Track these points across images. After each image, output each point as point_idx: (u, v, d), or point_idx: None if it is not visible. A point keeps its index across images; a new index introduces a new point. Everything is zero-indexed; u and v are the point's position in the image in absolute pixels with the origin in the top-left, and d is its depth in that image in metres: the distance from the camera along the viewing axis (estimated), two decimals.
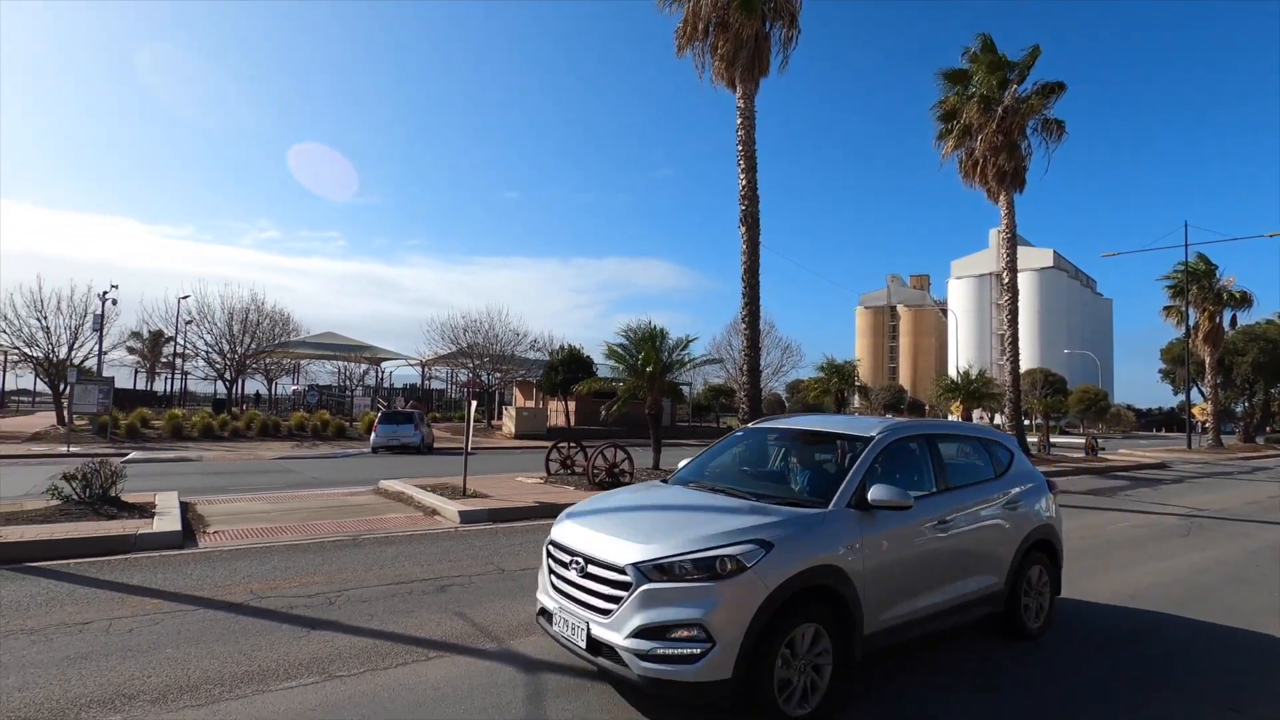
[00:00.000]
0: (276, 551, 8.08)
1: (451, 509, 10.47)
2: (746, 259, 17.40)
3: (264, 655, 4.88)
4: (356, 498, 12.47)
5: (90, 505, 9.19)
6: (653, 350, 15.16)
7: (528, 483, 13.93)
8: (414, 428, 26.32)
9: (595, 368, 42.38)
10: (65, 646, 4.96)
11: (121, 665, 4.64)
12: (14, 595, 6.13)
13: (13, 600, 5.98)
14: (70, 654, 4.82)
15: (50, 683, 4.34)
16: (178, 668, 4.62)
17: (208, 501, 11.52)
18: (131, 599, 6.13)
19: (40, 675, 4.44)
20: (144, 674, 4.51)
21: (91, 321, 29.86)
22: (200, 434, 29.34)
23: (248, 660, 4.79)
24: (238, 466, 19.18)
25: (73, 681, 4.38)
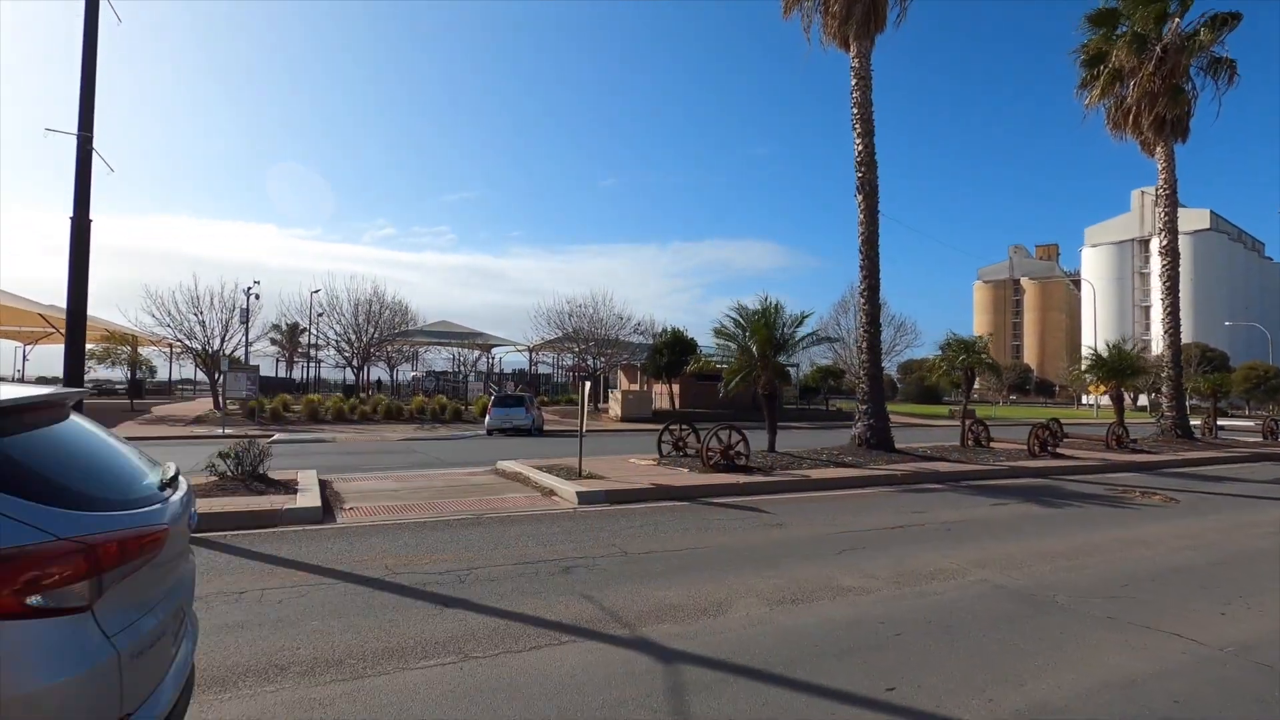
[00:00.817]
0: (407, 529, 8.31)
1: (569, 490, 10.45)
2: (864, 229, 16.35)
3: (402, 631, 4.90)
4: (476, 477, 12.78)
5: (242, 481, 9.86)
6: (764, 327, 14.56)
7: (641, 465, 13.80)
8: (525, 411, 27.00)
9: (700, 350, 41.96)
10: (224, 614, 5.19)
11: (273, 636, 4.78)
12: None
13: None
14: (229, 622, 5.03)
15: (212, 649, 4.52)
16: (323, 641, 4.71)
17: (342, 479, 12.15)
18: (280, 571, 6.41)
19: (204, 642, 4.63)
20: (293, 645, 4.62)
21: (239, 315, 32.68)
22: (333, 417, 31.49)
23: (387, 636, 4.81)
24: (367, 447, 20.35)
25: (230, 650, 4.54)
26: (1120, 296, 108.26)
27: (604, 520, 9.09)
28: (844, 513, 10.01)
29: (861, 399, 16.27)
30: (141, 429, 26.95)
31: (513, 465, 13.36)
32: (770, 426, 15.06)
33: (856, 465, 13.99)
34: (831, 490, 11.99)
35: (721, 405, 42.54)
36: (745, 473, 12.58)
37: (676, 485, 11.04)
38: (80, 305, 8.99)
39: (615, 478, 11.79)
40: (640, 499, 10.49)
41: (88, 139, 9.05)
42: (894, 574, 6.72)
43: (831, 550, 7.67)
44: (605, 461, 14.21)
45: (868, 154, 16.53)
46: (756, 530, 8.70)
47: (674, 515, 9.49)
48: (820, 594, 6.01)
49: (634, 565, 6.86)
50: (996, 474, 14.21)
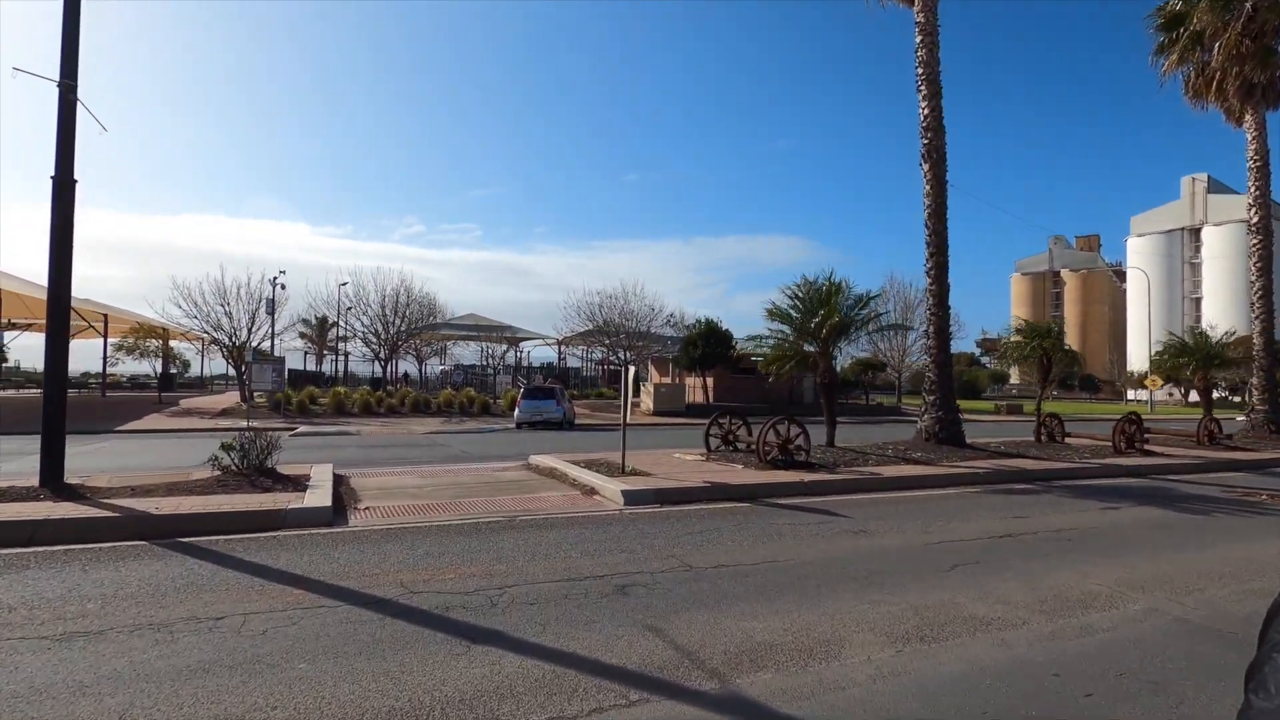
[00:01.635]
0: (429, 533, 7.11)
1: (613, 488, 9.18)
2: (931, 200, 14.78)
3: (415, 681, 3.65)
4: (508, 473, 11.59)
5: (247, 477, 8.78)
6: (823, 306, 13.10)
7: (688, 460, 12.48)
8: (556, 403, 25.85)
9: (735, 342, 40.47)
10: (189, 651, 4.01)
11: (245, 686, 3.56)
12: (155, 576, 5.43)
13: (151, 583, 5.26)
14: (192, 663, 3.84)
15: (156, 707, 3.32)
16: (309, 695, 3.48)
17: (361, 475, 11.05)
18: (272, 588, 5.23)
19: (150, 694, 3.44)
20: (268, 702, 3.40)
21: (265, 305, 32.07)
22: (360, 410, 30.73)
23: (395, 687, 3.57)
24: (392, 440, 19.35)
25: (185, 706, 3.34)
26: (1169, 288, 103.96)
27: (656, 524, 7.80)
28: (933, 517, 8.57)
29: (928, 389, 14.72)
30: (166, 421, 26.41)
31: (547, 460, 12.14)
32: (829, 419, 13.61)
33: (928, 462, 12.51)
34: (908, 490, 10.55)
35: (758, 398, 40.99)
36: (807, 469, 11.20)
37: (734, 484, 9.70)
38: (64, 276, 7.95)
39: (662, 474, 10.49)
40: (694, 499, 9.18)
41: (70, 87, 7.99)
42: (1033, 599, 5.32)
43: (939, 566, 6.27)
44: (648, 456, 12.92)
45: (934, 117, 14.94)
46: (838, 538, 7.33)
47: (736, 519, 8.16)
48: (952, 627, 4.64)
49: (703, 583, 5.55)
50: (1088, 473, 12.61)
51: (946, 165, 15.03)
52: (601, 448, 17.14)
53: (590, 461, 11.88)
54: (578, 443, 19.39)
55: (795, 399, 42.03)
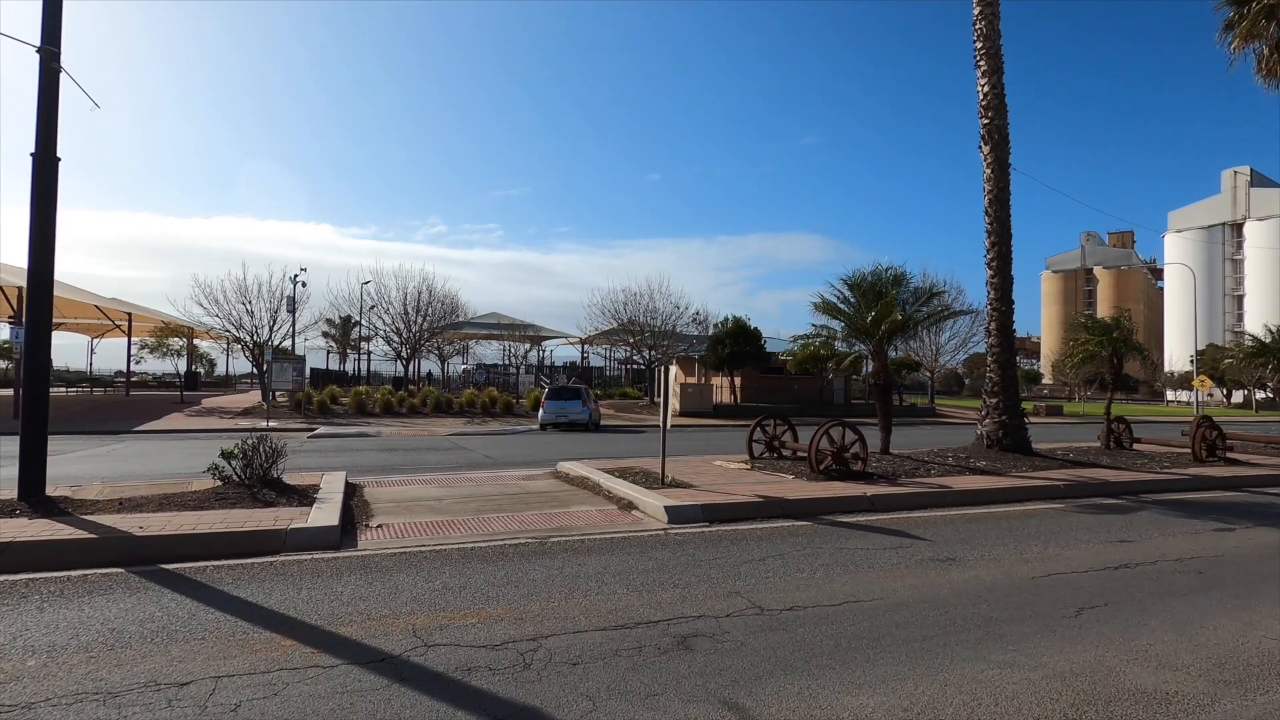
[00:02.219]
0: (448, 560, 6.15)
1: (654, 503, 8.16)
2: (992, 186, 13.55)
3: None
4: (535, 482, 10.63)
5: (249, 488, 7.90)
6: (878, 300, 11.95)
7: (731, 468, 11.42)
8: (582, 404, 24.92)
9: (764, 341, 39.26)
10: None
11: None
12: (120, 619, 4.53)
13: (114, 629, 4.35)
14: None
15: None
16: None
17: (376, 483, 10.16)
18: (257, 637, 4.29)
19: None
20: None
21: (286, 303, 31.56)
22: (381, 410, 30.12)
23: None
24: (412, 443, 18.54)
25: None
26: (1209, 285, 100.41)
27: (708, 548, 6.77)
28: (1025, 540, 7.43)
29: (989, 391, 13.47)
30: (186, 421, 25.96)
31: (577, 468, 11.17)
32: (883, 424, 12.44)
33: (996, 472, 11.31)
34: (983, 506, 9.38)
35: (787, 399, 39.73)
36: (865, 480, 10.08)
37: (789, 498, 8.62)
38: (45, 259, 7.13)
39: (706, 486, 9.45)
40: (746, 516, 8.12)
41: (53, 55, 7.16)
42: (1202, 661, 4.20)
43: (1061, 608, 5.16)
44: (685, 464, 11.88)
45: (995, 96, 13.70)
46: (924, 569, 6.24)
47: (799, 542, 7.10)
48: (1122, 708, 3.55)
49: (781, 633, 4.51)
50: (1178, 485, 11.32)
51: (1009, 148, 13.78)
52: (631, 452, 16.14)
53: (624, 470, 10.88)
54: (605, 446, 18.42)
55: (825, 400, 40.71)
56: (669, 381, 9.35)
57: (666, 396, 9.38)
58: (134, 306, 39.39)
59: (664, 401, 9.44)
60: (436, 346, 47.10)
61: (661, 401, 9.48)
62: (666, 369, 9.44)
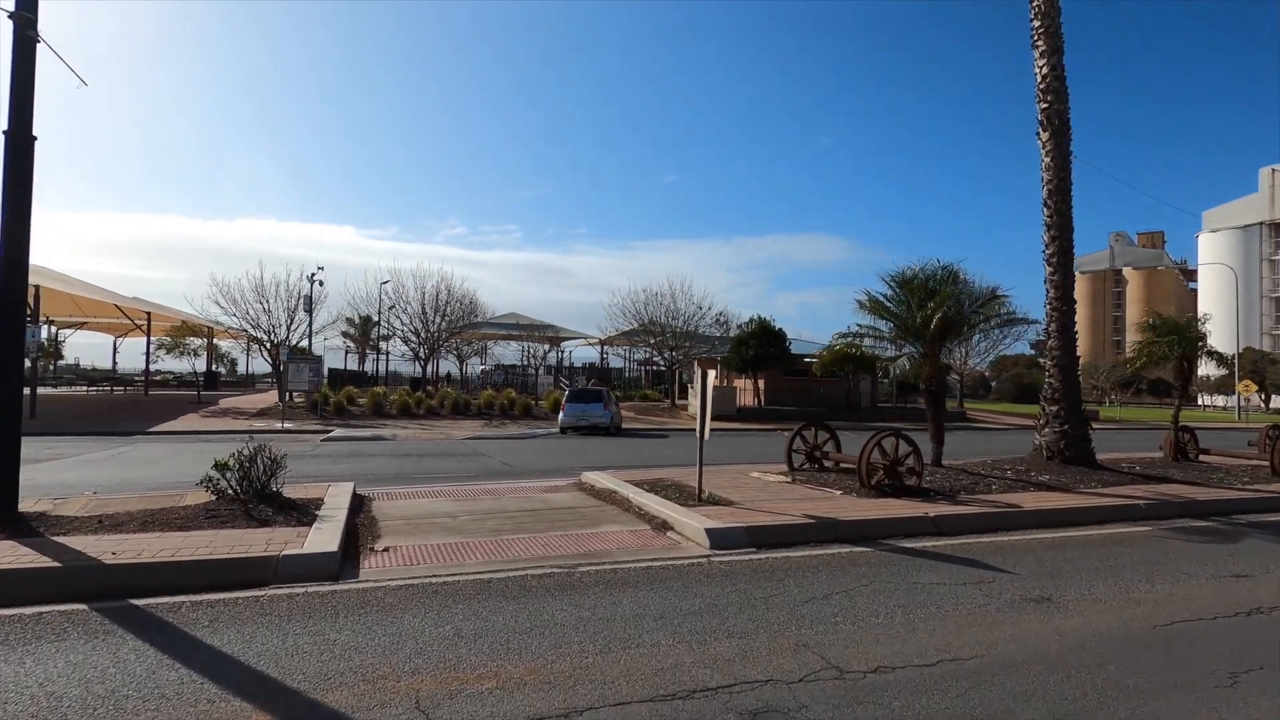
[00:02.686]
0: (461, 595, 5.31)
1: (692, 524, 7.27)
2: (1052, 175, 12.48)
3: None
4: (557, 494, 9.79)
5: (243, 504, 7.13)
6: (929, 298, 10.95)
7: (770, 481, 10.49)
8: (603, 407, 24.06)
9: (789, 342, 38.19)
10: None
11: None
12: (62, 680, 3.72)
13: (54, 692, 3.54)
14: None
15: None
16: None
17: (387, 496, 9.37)
18: (223, 708, 3.46)
19: None
20: None
21: (303, 302, 31.10)
22: (398, 411, 29.53)
23: None
24: (428, 447, 17.80)
25: None
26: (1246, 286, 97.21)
27: (761, 581, 5.86)
28: (1124, 574, 6.43)
29: (1049, 397, 12.39)
30: (201, 422, 25.51)
31: (602, 479, 10.30)
32: (936, 433, 11.42)
33: (1063, 488, 10.27)
34: (1060, 529, 8.36)
35: (812, 402, 38.56)
36: (923, 498, 9.11)
37: (843, 519, 7.68)
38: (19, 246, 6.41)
39: (747, 503, 8.54)
40: (796, 540, 7.20)
41: (28, 21, 6.44)
42: None
43: (1207, 674, 4.20)
44: (718, 475, 10.96)
45: (1055, 77, 12.63)
46: (1019, 612, 5.28)
47: (862, 574, 6.17)
48: None
49: (874, 709, 3.59)
50: (1270, 504, 10.20)
51: (1070, 134, 12.69)
52: (656, 460, 15.25)
53: (654, 483, 9.99)
54: (628, 452, 17.56)
55: (852, 403, 39.52)
56: (707, 386, 8.43)
57: (705, 403, 8.45)
58: (154, 306, 39.25)
59: (702, 408, 8.51)
60: (455, 347, 46.57)
61: (699, 407, 8.55)
62: (705, 372, 8.51)
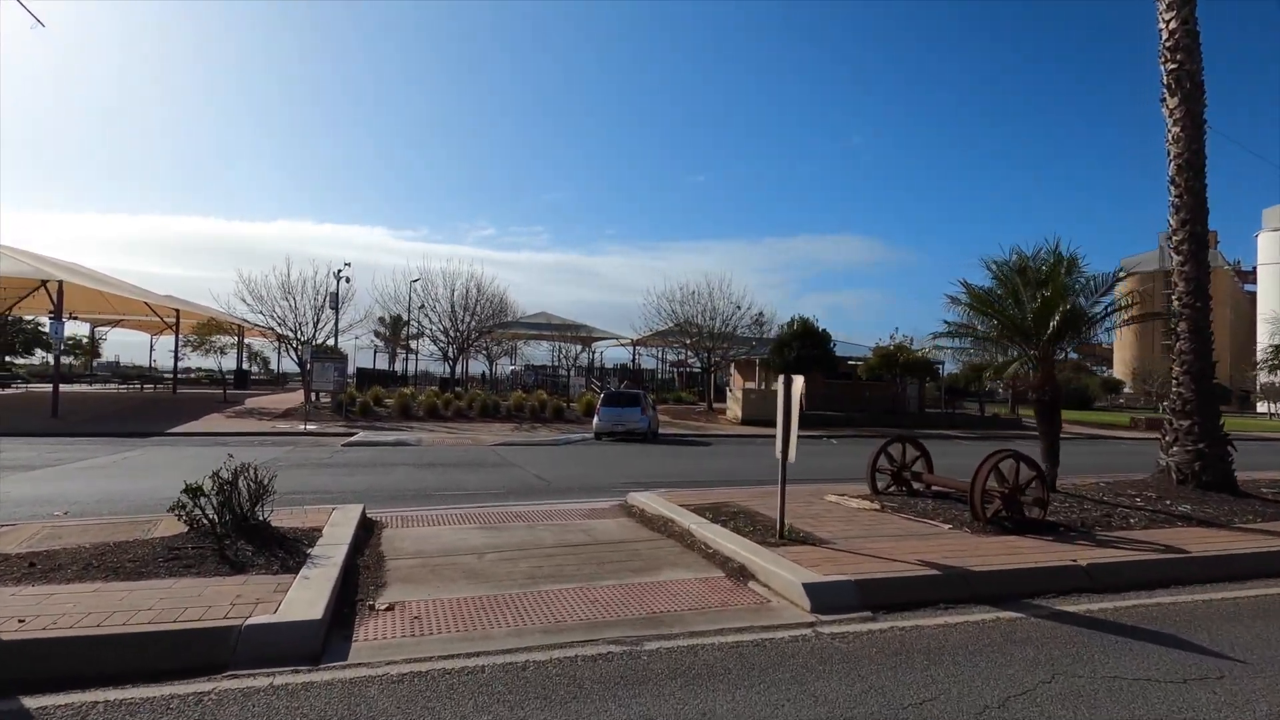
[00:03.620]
0: (485, 695, 3.76)
1: (783, 575, 5.64)
2: (1182, 148, 10.58)
3: None
4: (602, 521, 8.24)
5: (218, 539, 5.70)
6: (1039, 288, 9.16)
7: (853, 507, 8.80)
8: (640, 411, 22.50)
9: (833, 344, 36.25)
10: None
11: None
12: None
13: None
14: None
15: None
16: None
17: (401, 521, 7.92)
18: None
19: None
20: None
21: (329, 299, 30.12)
22: (425, 413, 28.37)
23: None
24: (454, 455, 16.41)
25: None
26: None
27: (900, 674, 4.21)
28: None
29: (1178, 410, 10.46)
30: (223, 423, 24.58)
31: (653, 503, 8.73)
32: (1048, 451, 9.55)
33: (1214, 522, 8.39)
34: (1244, 583, 6.52)
35: (856, 407, 36.49)
36: (1053, 535, 7.36)
37: (973, 569, 5.97)
38: None
39: (839, 540, 6.89)
40: (920, 600, 5.51)
41: None
42: None
43: None
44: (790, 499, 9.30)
45: (1186, 33, 10.71)
46: None
47: (1036, 663, 4.48)
48: None
49: None
50: None
51: (1205, 100, 10.76)
52: (706, 473, 13.63)
53: (716, 509, 8.39)
54: (672, 462, 15.97)
55: (898, 408, 37.37)
56: (793, 397, 6.78)
57: (791, 417, 6.77)
58: (183, 303, 38.83)
59: (785, 422, 6.83)
60: (485, 346, 45.46)
61: (781, 422, 6.89)
62: (790, 379, 6.86)
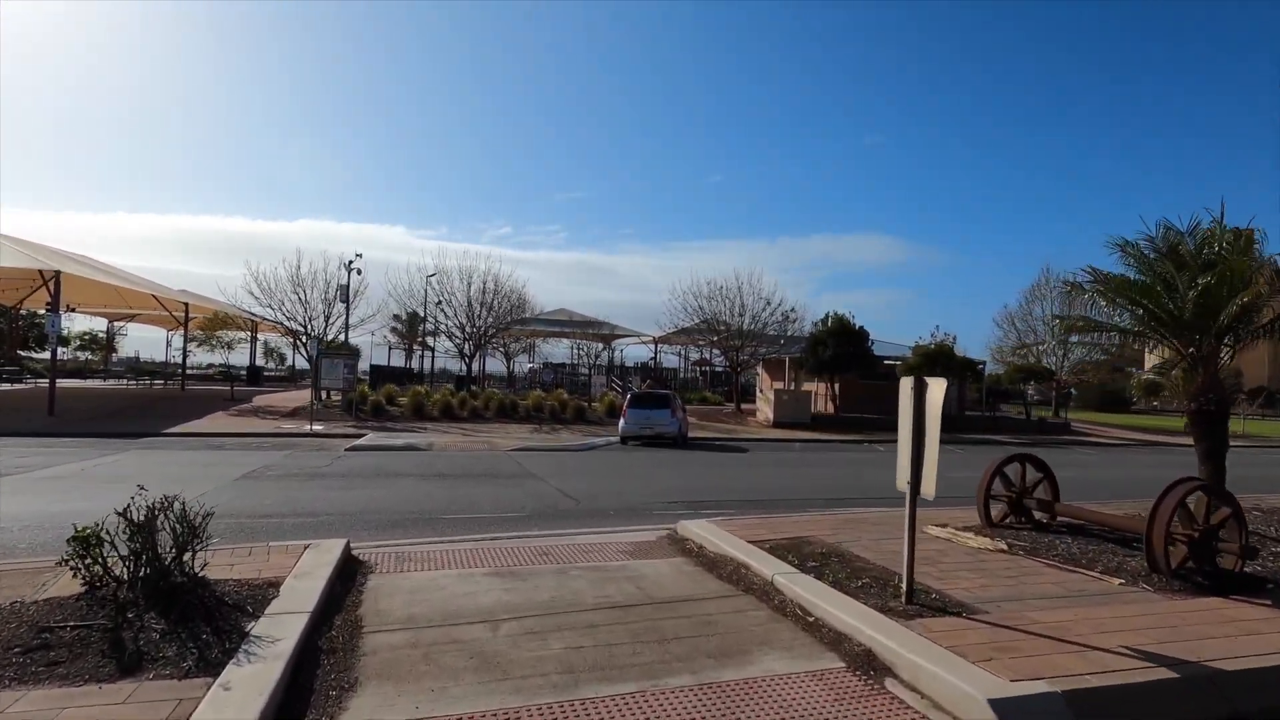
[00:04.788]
0: None
1: (948, 680, 3.76)
2: None
3: None
4: (651, 563, 6.42)
5: (119, 611, 3.94)
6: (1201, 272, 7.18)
7: (974, 547, 6.88)
8: (670, 414, 20.67)
9: (871, 342, 34.07)
10: None
11: None
12: None
13: None
14: None
15: None
16: None
17: (395, 562, 6.14)
18: None
19: None
20: None
21: (339, 292, 28.60)
22: (440, 413, 26.78)
23: None
24: (467, 463, 14.67)
25: None
26: None
27: None
28: None
29: None
30: (225, 422, 23.10)
31: (712, 536, 6.89)
32: (1213, 471, 7.53)
33: None
34: None
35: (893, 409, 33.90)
36: (1268, 598, 5.41)
37: (1218, 667, 4.06)
38: None
39: (985, 604, 5.00)
40: (1151, 718, 3.63)
41: None
42: None
43: None
44: (873, 526, 7.42)
45: None
46: None
47: None
48: None
49: None
50: None
51: None
52: (757, 488, 11.77)
53: (796, 547, 6.53)
54: (713, 473, 14.11)
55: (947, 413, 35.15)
56: (928, 405, 4.91)
57: (921, 434, 4.91)
58: (195, 297, 37.65)
59: (917, 440, 4.95)
60: (502, 344, 43.87)
61: (907, 442, 5.00)
62: (921, 381, 4.99)
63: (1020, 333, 44.33)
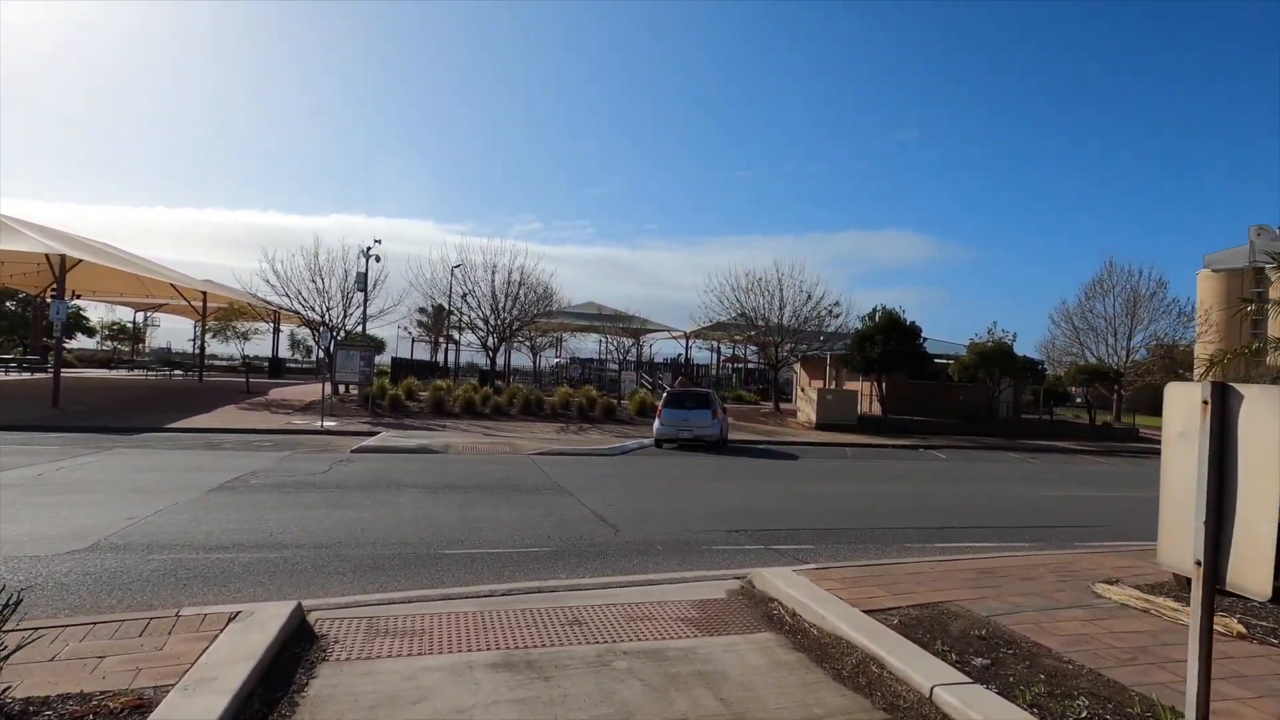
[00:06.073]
0: None
1: None
2: None
3: None
4: (732, 649, 4.48)
5: None
6: None
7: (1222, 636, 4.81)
8: (711, 415, 18.66)
9: (923, 340, 31.62)
10: None
11: None
12: None
13: None
14: None
15: None
16: None
17: (364, 633, 4.27)
18: None
19: None
20: None
21: (357, 280, 27.07)
22: (461, 409, 25.16)
23: None
24: (485, 471, 12.82)
25: None
26: None
27: None
28: None
29: None
30: (234, 417, 21.69)
31: (815, 604, 4.93)
32: None
33: None
34: None
35: (945, 411, 31.89)
36: None
37: None
38: None
39: None
40: None
41: None
42: None
43: None
44: (1006, 580, 5.38)
45: None
46: None
47: None
48: None
49: None
50: None
51: None
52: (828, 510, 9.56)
53: (942, 622, 4.53)
54: (769, 487, 12.02)
55: (992, 413, 32.60)
56: (1241, 438, 2.92)
57: (1224, 472, 2.91)
58: (218, 286, 36.63)
59: (1214, 493, 2.94)
60: (528, 337, 42.19)
61: (1203, 505, 3.00)
62: (1223, 398, 3.00)
63: (1079, 331, 41.41)
